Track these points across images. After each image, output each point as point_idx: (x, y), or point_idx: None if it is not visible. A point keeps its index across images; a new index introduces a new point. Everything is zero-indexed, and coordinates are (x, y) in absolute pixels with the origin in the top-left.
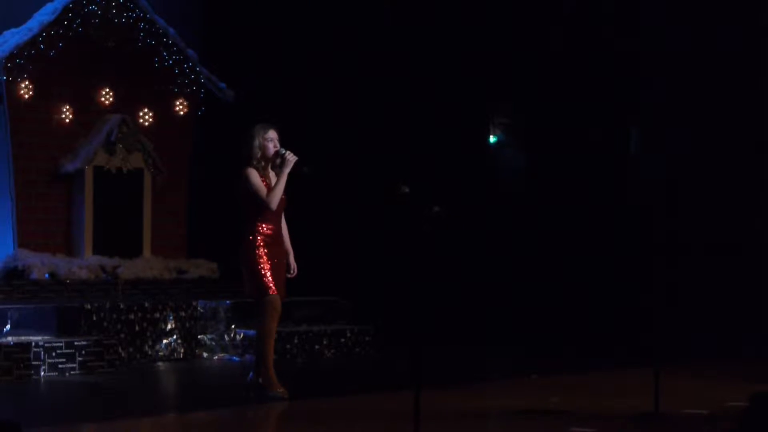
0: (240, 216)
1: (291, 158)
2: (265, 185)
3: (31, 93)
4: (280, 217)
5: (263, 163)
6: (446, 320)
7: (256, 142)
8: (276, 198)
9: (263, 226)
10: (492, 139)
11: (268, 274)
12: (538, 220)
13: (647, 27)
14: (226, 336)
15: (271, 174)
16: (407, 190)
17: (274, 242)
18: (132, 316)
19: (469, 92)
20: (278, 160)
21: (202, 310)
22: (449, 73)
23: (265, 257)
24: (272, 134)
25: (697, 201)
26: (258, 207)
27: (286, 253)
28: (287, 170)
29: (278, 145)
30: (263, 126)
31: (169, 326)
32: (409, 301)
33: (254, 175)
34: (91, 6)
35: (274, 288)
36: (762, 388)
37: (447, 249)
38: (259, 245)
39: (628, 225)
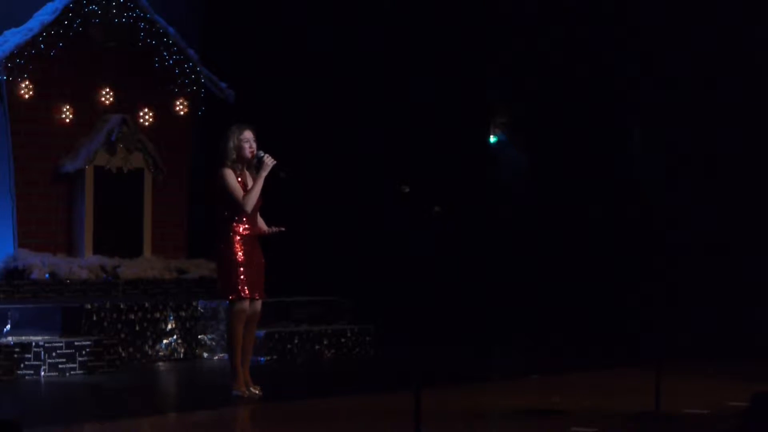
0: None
1: (269, 162)
2: (241, 185)
3: (31, 93)
4: (256, 218)
5: (240, 164)
6: (446, 320)
7: (231, 143)
8: (252, 200)
9: (240, 226)
10: (492, 139)
11: (241, 277)
12: (539, 220)
13: (647, 27)
14: (226, 336)
15: (247, 175)
16: (407, 189)
17: (250, 243)
18: (132, 316)
19: (469, 92)
20: (255, 161)
21: (202, 310)
22: (449, 73)
23: (240, 259)
24: (248, 135)
25: (697, 201)
26: (234, 208)
27: (262, 253)
28: (264, 174)
29: (254, 146)
30: (239, 126)
31: (169, 326)
32: (409, 301)
33: (231, 176)
34: (92, 6)
35: (244, 291)
36: (762, 388)
37: (447, 249)
38: (236, 246)
39: (628, 225)
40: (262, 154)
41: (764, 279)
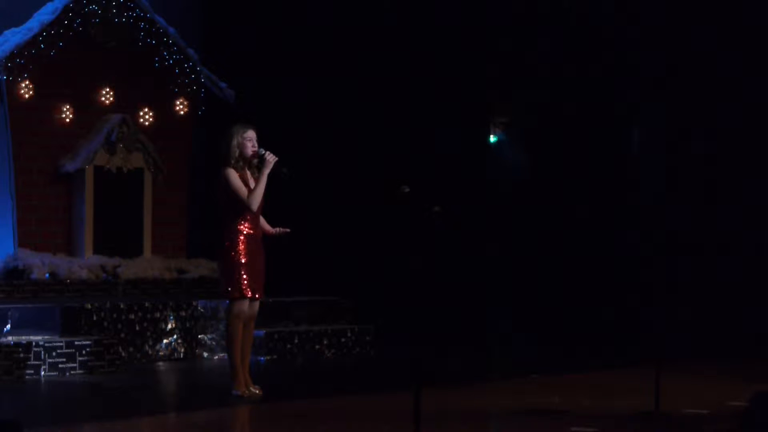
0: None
1: (271, 159)
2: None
3: (31, 93)
4: (259, 217)
5: (242, 163)
6: (446, 320)
7: (234, 142)
8: (257, 199)
9: (244, 225)
10: (492, 139)
11: (244, 277)
12: (538, 220)
13: (647, 27)
14: (225, 336)
15: (248, 174)
16: (407, 190)
17: (254, 242)
18: (132, 316)
19: (469, 92)
20: (255, 161)
21: (202, 310)
22: (449, 73)
23: (243, 259)
24: (250, 134)
25: (697, 201)
26: (238, 207)
27: (264, 253)
28: (267, 171)
29: (256, 145)
30: (241, 126)
31: (169, 326)
32: (409, 301)
33: (234, 176)
34: (92, 6)
35: (245, 291)
36: (762, 388)
37: (447, 249)
38: (240, 246)
39: (628, 225)
40: (263, 152)
41: (764, 279)
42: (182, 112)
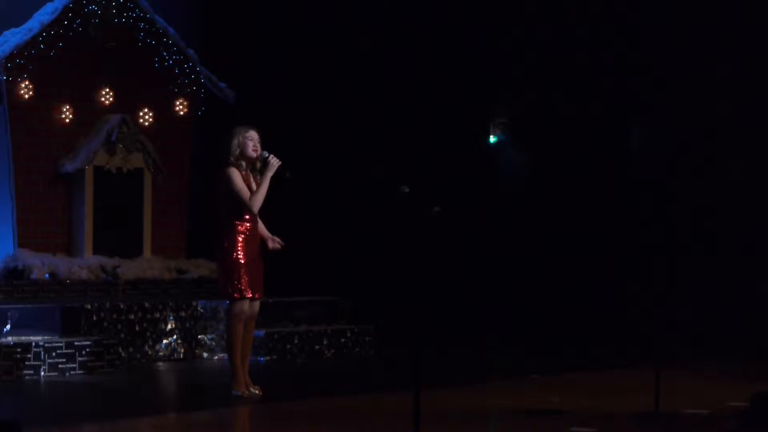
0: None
1: (274, 162)
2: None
3: (31, 93)
4: (257, 216)
5: (243, 163)
6: (446, 320)
7: (236, 141)
8: (259, 201)
9: (243, 224)
10: (492, 139)
11: (244, 277)
12: (538, 220)
13: (647, 27)
14: (226, 336)
15: (251, 177)
16: (407, 190)
17: (251, 240)
18: (132, 316)
19: (469, 92)
20: (258, 164)
21: (202, 310)
22: (449, 73)
23: (242, 259)
24: (252, 134)
25: (697, 201)
26: (238, 208)
27: (260, 251)
28: (270, 174)
29: (258, 146)
30: (244, 126)
31: (169, 326)
32: (409, 301)
33: (237, 176)
34: (92, 6)
35: (245, 291)
36: (762, 388)
37: (447, 249)
38: (239, 246)
39: (628, 225)
40: (267, 155)
41: (764, 279)
42: (182, 112)
